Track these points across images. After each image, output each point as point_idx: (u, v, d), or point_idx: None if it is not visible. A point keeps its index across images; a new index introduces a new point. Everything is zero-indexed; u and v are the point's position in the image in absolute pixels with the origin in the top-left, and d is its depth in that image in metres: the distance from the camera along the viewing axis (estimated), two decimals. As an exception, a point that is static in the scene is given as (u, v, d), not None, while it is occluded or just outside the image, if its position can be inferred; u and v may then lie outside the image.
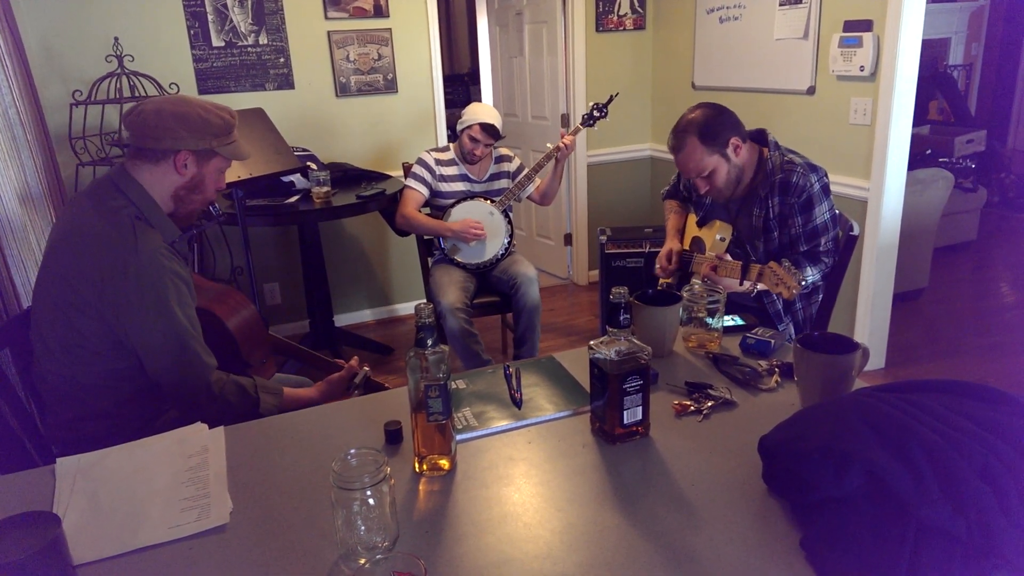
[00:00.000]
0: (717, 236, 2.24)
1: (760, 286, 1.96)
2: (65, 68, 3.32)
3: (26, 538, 0.92)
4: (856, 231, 2.17)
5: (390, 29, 3.89)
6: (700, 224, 2.35)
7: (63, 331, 1.51)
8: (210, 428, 1.33)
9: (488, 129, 3.03)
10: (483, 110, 3.07)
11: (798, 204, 2.06)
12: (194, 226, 1.79)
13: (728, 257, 2.12)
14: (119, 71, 3.18)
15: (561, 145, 3.02)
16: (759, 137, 2.16)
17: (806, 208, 2.06)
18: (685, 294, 1.63)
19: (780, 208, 2.09)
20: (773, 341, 1.59)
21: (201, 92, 3.58)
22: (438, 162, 3.14)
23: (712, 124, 2.04)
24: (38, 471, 1.26)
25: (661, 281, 2.47)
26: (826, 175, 2.09)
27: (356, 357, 1.86)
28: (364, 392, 1.82)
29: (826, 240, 2.10)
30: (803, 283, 1.87)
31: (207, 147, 1.57)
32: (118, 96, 3.18)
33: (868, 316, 3.29)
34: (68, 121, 3.18)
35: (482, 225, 3.05)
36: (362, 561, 0.96)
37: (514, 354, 3.17)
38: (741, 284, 2.01)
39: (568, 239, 4.82)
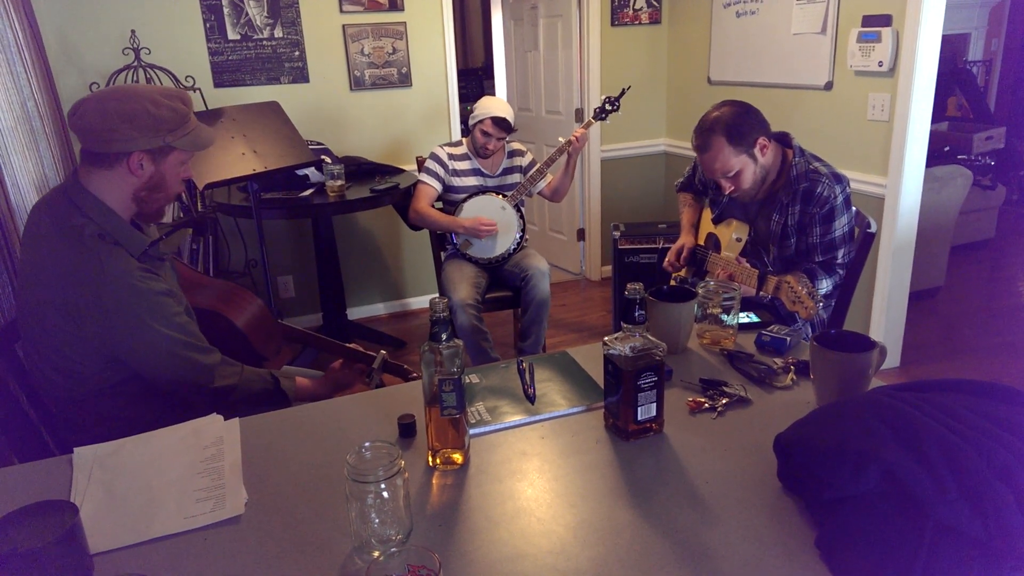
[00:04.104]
0: (733, 236, 2.22)
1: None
2: (82, 61, 3.34)
3: (44, 526, 0.93)
4: (873, 228, 2.14)
5: (405, 23, 3.88)
6: (716, 221, 2.33)
7: (57, 355, 1.46)
8: (227, 419, 1.34)
9: (500, 123, 3.02)
10: (495, 104, 3.06)
11: (819, 215, 2.03)
12: (173, 226, 1.76)
13: (745, 262, 2.09)
14: (136, 64, 3.20)
15: (572, 139, 3.01)
16: (783, 139, 2.11)
17: (827, 220, 2.03)
18: (700, 290, 1.62)
19: (800, 217, 2.06)
20: (789, 339, 1.57)
21: (217, 85, 3.59)
22: (451, 156, 3.14)
23: (740, 123, 1.98)
24: (55, 460, 1.27)
25: (674, 275, 2.46)
26: (848, 185, 2.06)
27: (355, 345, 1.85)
28: (383, 373, 1.83)
29: (843, 253, 2.07)
30: (820, 304, 1.83)
31: (161, 144, 1.45)
32: (134, 89, 3.19)
33: (884, 314, 3.26)
34: (85, 113, 3.20)
35: (494, 220, 3.05)
36: (376, 554, 0.97)
37: (518, 347, 3.17)
38: (756, 295, 1.99)
39: (581, 234, 4.80)
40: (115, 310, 1.41)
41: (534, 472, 1.19)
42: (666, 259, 2.39)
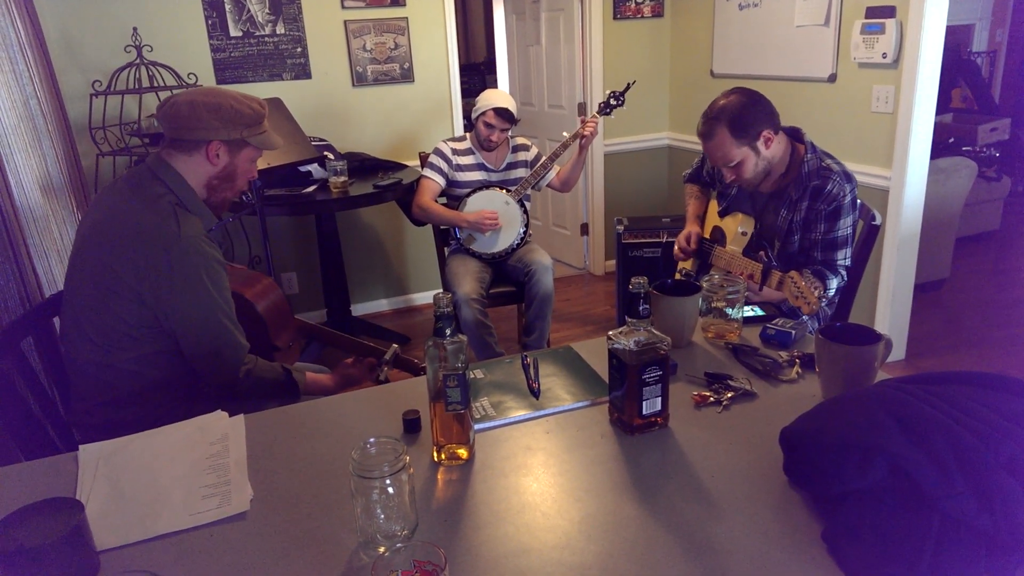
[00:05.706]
0: (739, 229, 2.21)
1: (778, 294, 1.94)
2: (85, 58, 3.34)
3: (50, 524, 0.93)
4: (878, 221, 2.14)
5: (406, 18, 3.87)
6: (722, 214, 2.32)
7: (101, 316, 1.54)
8: (239, 413, 1.35)
9: (502, 113, 3.01)
10: (496, 95, 3.06)
11: (826, 211, 2.02)
12: (228, 216, 1.82)
13: (764, 256, 2.08)
14: (138, 61, 3.19)
15: (585, 132, 3.01)
16: (794, 134, 2.09)
17: (832, 217, 2.02)
18: (704, 284, 1.61)
19: (807, 213, 2.05)
20: (794, 332, 1.57)
21: (219, 82, 3.59)
22: (455, 151, 3.13)
23: (744, 115, 1.96)
24: (61, 457, 1.27)
25: (680, 266, 2.46)
26: (856, 186, 2.05)
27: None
28: (392, 369, 1.83)
29: (844, 255, 2.06)
30: (823, 300, 1.83)
31: (238, 137, 1.61)
32: (137, 86, 3.19)
33: (889, 307, 3.25)
34: (88, 111, 3.20)
35: (497, 215, 3.04)
36: (381, 550, 0.97)
37: (522, 342, 3.17)
38: (760, 290, 1.98)
39: (584, 229, 4.80)
40: (179, 263, 1.51)
41: (539, 467, 1.19)
42: (675, 247, 2.39)
